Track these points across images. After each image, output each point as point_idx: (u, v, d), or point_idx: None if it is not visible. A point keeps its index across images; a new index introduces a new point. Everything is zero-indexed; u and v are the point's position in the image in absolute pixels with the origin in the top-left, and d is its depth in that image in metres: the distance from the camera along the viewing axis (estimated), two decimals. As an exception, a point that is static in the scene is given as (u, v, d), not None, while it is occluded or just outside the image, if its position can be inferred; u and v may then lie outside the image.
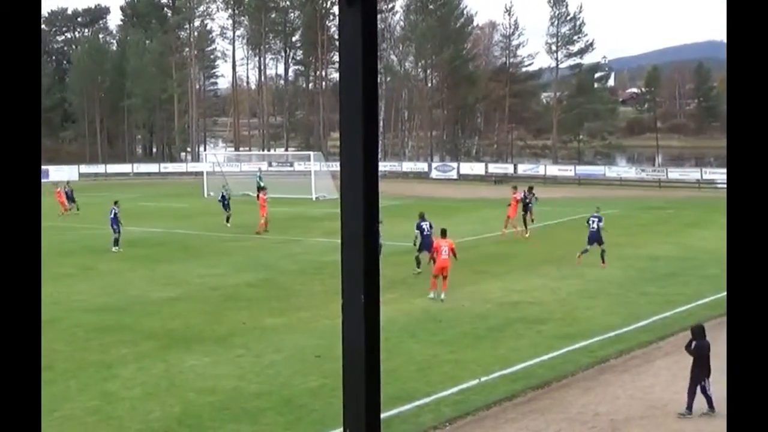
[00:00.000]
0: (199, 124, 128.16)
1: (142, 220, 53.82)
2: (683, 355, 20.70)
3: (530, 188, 47.43)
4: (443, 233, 32.40)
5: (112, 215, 43.97)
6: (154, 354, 24.38)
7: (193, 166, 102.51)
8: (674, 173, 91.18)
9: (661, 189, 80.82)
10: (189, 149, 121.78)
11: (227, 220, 52.25)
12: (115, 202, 44.80)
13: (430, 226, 36.28)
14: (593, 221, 38.78)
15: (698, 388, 19.40)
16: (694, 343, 19.81)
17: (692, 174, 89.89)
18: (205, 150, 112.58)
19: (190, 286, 34.54)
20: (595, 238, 38.51)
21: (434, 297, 30.79)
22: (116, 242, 43.50)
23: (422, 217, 36.74)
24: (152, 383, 21.76)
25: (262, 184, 58.51)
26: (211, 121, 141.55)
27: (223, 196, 53.10)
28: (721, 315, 27.93)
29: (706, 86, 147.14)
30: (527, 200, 46.53)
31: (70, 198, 61.07)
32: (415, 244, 35.88)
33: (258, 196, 53.03)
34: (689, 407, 19.47)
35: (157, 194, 76.01)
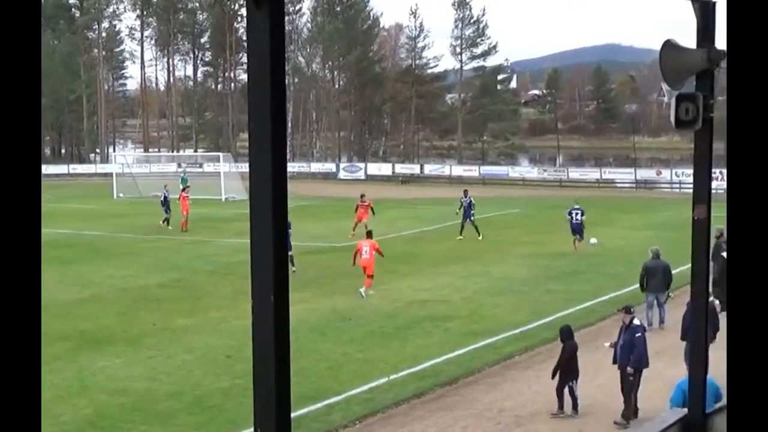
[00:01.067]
0: (108, 126, 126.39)
1: (50, 222, 52.76)
2: (585, 351, 21.34)
3: (465, 191, 47.43)
4: (368, 234, 33.57)
5: None
6: (65, 356, 24.18)
7: (102, 168, 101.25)
8: (575, 173, 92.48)
9: (562, 188, 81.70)
10: (98, 150, 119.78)
11: (167, 222, 51.39)
12: None
13: (288, 226, 36.51)
14: (575, 213, 40.82)
15: (566, 389, 19.72)
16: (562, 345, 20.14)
17: (592, 174, 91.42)
18: (114, 151, 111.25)
19: (101, 287, 34.25)
20: (578, 229, 40.62)
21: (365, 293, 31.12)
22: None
23: None
24: (64, 385, 21.65)
25: (188, 185, 57.73)
26: (120, 122, 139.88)
27: (165, 197, 52.23)
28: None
29: (604, 88, 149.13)
30: (466, 203, 46.26)
31: None
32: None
33: (180, 195, 52.67)
34: (561, 407, 19.75)
35: (66, 196, 74.51)
